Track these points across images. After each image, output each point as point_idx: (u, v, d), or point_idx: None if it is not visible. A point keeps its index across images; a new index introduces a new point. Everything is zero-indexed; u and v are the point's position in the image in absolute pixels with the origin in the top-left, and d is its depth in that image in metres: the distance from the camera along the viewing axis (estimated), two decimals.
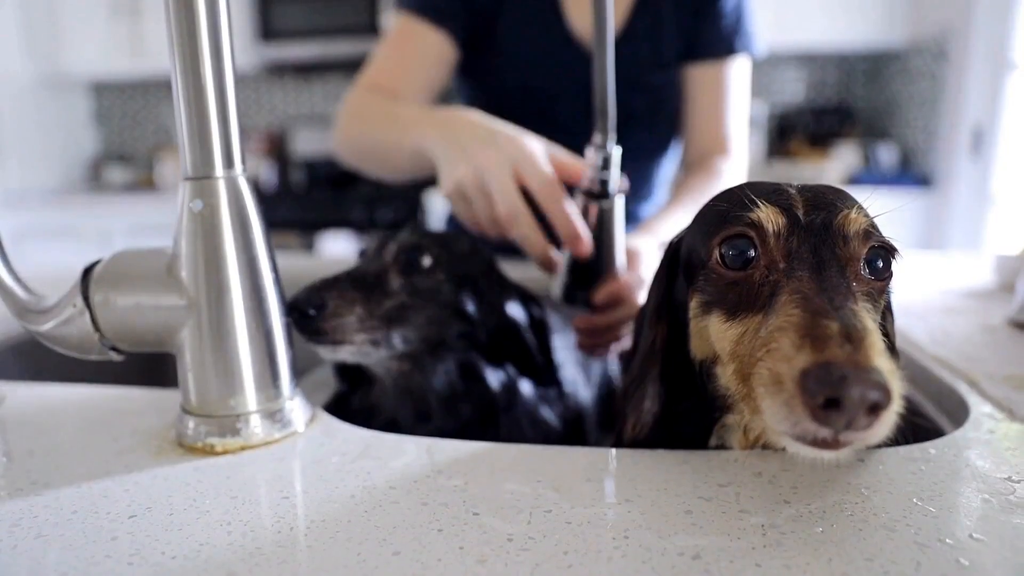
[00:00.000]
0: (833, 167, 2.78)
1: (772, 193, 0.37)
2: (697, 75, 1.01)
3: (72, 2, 3.32)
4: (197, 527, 0.32)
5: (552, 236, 0.60)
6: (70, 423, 0.45)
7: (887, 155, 2.83)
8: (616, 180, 0.58)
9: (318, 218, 2.91)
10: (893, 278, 0.37)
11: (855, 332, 0.29)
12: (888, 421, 0.29)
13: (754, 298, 0.35)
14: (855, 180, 2.71)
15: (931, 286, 0.85)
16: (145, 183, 3.55)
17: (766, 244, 0.35)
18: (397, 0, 0.99)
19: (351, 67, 3.37)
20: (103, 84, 3.76)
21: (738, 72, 1.01)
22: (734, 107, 1.01)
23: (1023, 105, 2.35)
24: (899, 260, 0.37)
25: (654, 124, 1.05)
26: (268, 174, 3.39)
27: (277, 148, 3.55)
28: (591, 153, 0.58)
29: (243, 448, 0.40)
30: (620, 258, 0.61)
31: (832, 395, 0.28)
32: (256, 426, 0.41)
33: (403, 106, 0.84)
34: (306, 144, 3.46)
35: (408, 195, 2.84)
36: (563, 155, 0.62)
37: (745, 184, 0.39)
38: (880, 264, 0.36)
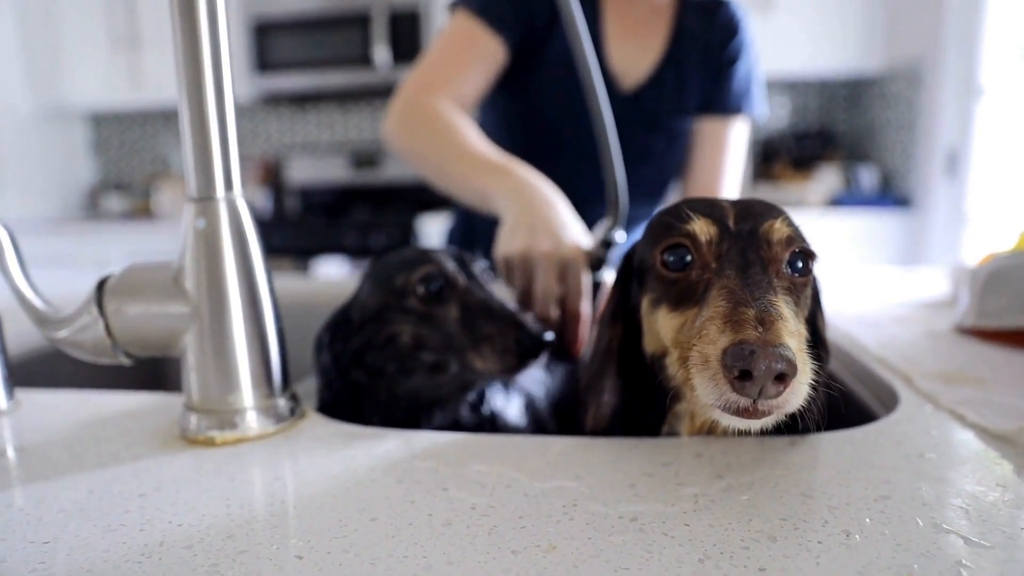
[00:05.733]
0: (816, 189, 2.85)
1: (707, 207, 0.42)
2: (704, 127, 1.13)
3: (73, 35, 3.40)
4: (199, 502, 0.36)
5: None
6: (82, 423, 0.49)
7: (868, 177, 2.91)
8: (612, 263, 0.68)
9: (312, 244, 2.97)
10: (812, 275, 0.42)
11: (767, 316, 0.35)
12: (798, 391, 0.34)
13: (692, 293, 0.40)
14: (837, 201, 2.78)
15: (889, 298, 0.90)
16: (142, 211, 3.61)
17: (699, 250, 0.40)
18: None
19: (345, 97, 3.47)
20: (101, 115, 3.84)
21: (739, 131, 1.14)
22: (731, 161, 1.14)
23: (992, 129, 2.44)
24: (817, 262, 0.42)
25: (666, 162, 1.16)
26: (263, 201, 3.45)
27: (272, 176, 3.62)
28: (600, 228, 0.70)
29: (240, 440, 0.45)
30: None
31: (744, 367, 0.33)
32: (252, 420, 0.45)
33: (469, 136, 0.89)
34: (301, 172, 3.53)
35: (402, 222, 2.90)
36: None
37: (686, 200, 0.44)
38: (800, 264, 0.41)
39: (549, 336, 0.52)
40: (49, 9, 3.39)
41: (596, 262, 0.69)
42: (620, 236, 0.69)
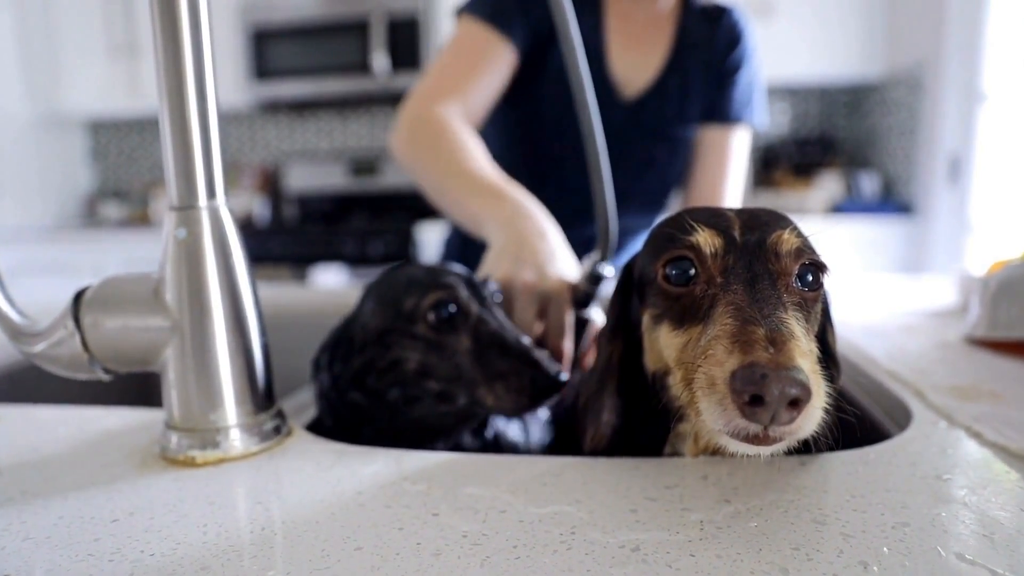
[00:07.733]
0: (817, 196, 2.83)
1: (711, 217, 0.40)
2: (706, 136, 1.12)
3: (71, 43, 3.40)
4: (175, 529, 0.34)
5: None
6: (59, 441, 0.47)
7: (869, 184, 2.89)
8: (600, 299, 0.65)
9: (310, 252, 2.95)
10: (823, 289, 0.40)
11: (779, 336, 0.32)
12: (812, 416, 0.32)
13: (696, 310, 0.38)
14: (839, 208, 2.76)
15: (896, 307, 0.88)
16: (140, 219, 3.59)
17: (704, 263, 0.38)
18: (462, 5, 1.02)
19: (344, 105, 3.46)
20: (100, 122, 3.83)
21: (741, 140, 1.12)
22: (733, 170, 1.12)
23: (995, 134, 2.42)
24: (828, 275, 0.40)
25: (668, 171, 1.14)
26: (261, 209, 3.44)
27: (271, 183, 3.60)
28: (588, 261, 0.65)
29: (222, 460, 0.43)
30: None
31: (755, 392, 0.30)
32: (235, 439, 0.43)
33: (471, 155, 0.85)
34: (299, 180, 3.51)
35: (400, 229, 2.88)
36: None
37: (688, 210, 0.42)
38: (811, 278, 0.39)
39: (564, 376, 0.50)
40: (48, 17, 3.38)
41: (583, 298, 0.65)
42: (608, 271, 0.65)
